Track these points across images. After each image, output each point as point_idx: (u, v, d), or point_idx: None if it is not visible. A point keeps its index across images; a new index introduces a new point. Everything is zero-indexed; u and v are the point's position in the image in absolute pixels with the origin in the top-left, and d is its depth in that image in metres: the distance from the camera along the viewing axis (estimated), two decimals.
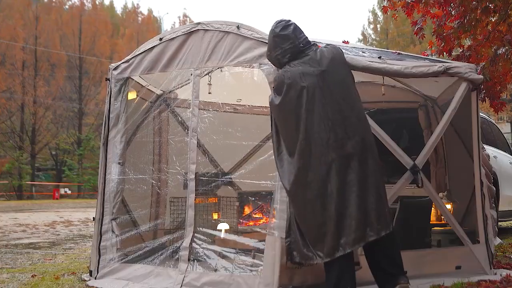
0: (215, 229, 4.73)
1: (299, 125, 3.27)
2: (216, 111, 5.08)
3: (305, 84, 3.31)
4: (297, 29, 3.58)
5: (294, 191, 3.32)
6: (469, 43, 5.95)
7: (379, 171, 3.34)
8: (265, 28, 4.13)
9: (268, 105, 3.67)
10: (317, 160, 3.22)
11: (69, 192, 34.50)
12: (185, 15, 54.54)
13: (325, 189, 3.20)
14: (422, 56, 5.47)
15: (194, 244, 4.27)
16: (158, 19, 48.51)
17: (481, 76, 4.58)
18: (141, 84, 5.17)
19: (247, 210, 5.58)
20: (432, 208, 5.19)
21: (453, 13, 5.63)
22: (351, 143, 3.24)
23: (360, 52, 4.53)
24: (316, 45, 3.62)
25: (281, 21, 3.62)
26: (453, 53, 5.90)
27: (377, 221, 3.23)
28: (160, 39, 4.73)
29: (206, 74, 4.70)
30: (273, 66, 4.01)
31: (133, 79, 4.99)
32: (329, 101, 3.29)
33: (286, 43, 3.48)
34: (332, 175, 3.20)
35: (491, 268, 4.49)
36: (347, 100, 3.34)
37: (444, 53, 5.83)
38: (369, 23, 41.96)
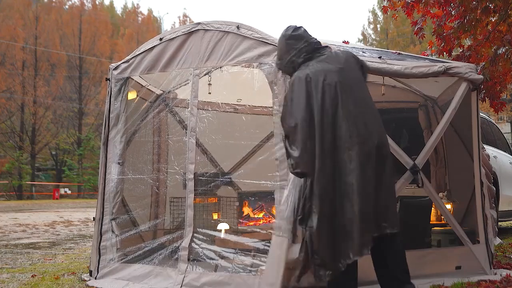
0: (215, 229, 4.73)
1: (323, 120, 3.18)
2: (216, 110, 5.08)
3: (327, 80, 3.25)
4: (307, 31, 3.60)
5: (320, 185, 3.16)
6: (469, 43, 5.95)
7: (392, 170, 3.34)
8: (265, 28, 4.14)
9: (267, 105, 3.66)
10: (342, 155, 3.16)
11: (69, 192, 34.53)
12: (185, 15, 54.75)
13: (350, 185, 3.14)
14: (422, 56, 5.47)
15: (193, 244, 4.27)
16: (158, 19, 48.62)
17: (481, 76, 4.58)
18: (141, 84, 5.17)
19: (247, 210, 5.58)
20: (432, 208, 5.19)
21: (453, 13, 5.63)
22: (371, 140, 3.22)
23: (360, 52, 4.53)
24: (329, 47, 3.62)
25: (290, 25, 3.61)
26: (453, 53, 5.90)
27: (387, 219, 3.21)
28: (160, 39, 4.73)
29: (205, 74, 4.70)
30: (273, 66, 4.01)
31: (133, 79, 4.99)
32: (350, 97, 3.26)
33: (300, 42, 3.45)
34: (356, 170, 3.14)
35: (491, 268, 4.49)
36: (364, 98, 3.34)
37: (444, 53, 5.83)
38: (369, 23, 42.07)
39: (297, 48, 3.43)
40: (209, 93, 4.86)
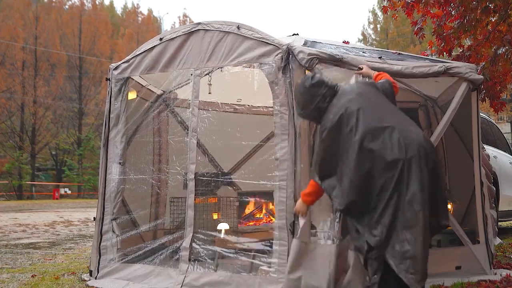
0: (215, 229, 4.73)
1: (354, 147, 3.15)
2: (216, 111, 5.08)
3: (356, 107, 3.27)
4: (321, 74, 3.63)
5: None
6: (469, 43, 5.96)
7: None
8: (265, 28, 4.14)
9: (267, 105, 3.65)
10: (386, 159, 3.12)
11: (69, 192, 34.50)
12: (185, 15, 54.75)
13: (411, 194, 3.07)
14: (422, 56, 5.47)
15: (194, 244, 4.27)
16: (158, 19, 48.55)
17: (481, 76, 4.59)
18: (141, 84, 5.17)
19: (247, 210, 5.59)
20: None
21: (453, 13, 5.64)
22: (417, 140, 3.17)
23: (360, 52, 4.54)
24: (338, 84, 3.66)
25: (306, 75, 3.65)
26: (453, 53, 5.91)
27: (442, 211, 3.21)
28: (161, 39, 4.73)
29: (206, 74, 4.70)
30: (274, 66, 4.01)
31: (133, 79, 4.99)
32: (374, 113, 3.26)
33: (322, 88, 3.49)
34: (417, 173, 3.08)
35: (491, 268, 4.50)
36: (392, 110, 3.35)
37: (444, 53, 5.84)
38: (369, 23, 42.06)
39: (321, 93, 3.48)
40: (209, 93, 4.87)
